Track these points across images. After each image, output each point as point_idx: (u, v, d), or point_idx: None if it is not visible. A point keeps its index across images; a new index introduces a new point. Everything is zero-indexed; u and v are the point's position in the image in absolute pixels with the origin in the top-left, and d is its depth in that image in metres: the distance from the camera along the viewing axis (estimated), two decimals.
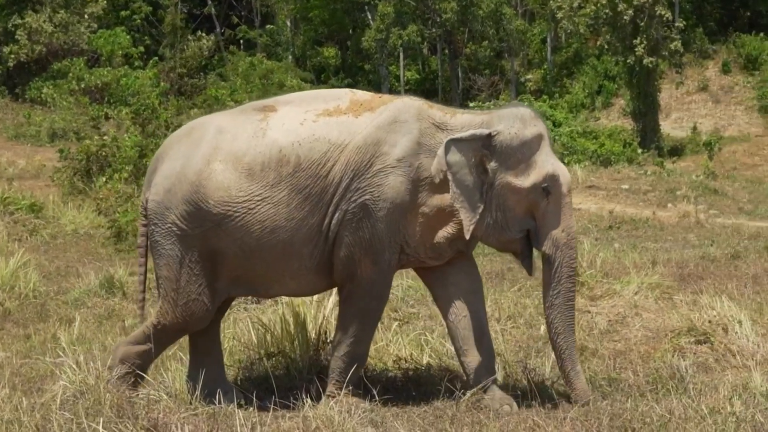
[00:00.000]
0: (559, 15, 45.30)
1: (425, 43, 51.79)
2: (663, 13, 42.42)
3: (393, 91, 48.41)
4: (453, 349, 7.28)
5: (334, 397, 6.70)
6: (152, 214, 6.80)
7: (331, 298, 8.13)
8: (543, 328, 8.90)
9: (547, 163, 6.81)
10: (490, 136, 6.69)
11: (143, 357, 6.92)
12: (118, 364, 6.88)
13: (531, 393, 6.76)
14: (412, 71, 52.02)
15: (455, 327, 7.07)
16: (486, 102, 39.20)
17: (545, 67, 50.99)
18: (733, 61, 48.68)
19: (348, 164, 6.59)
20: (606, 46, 45.00)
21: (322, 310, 8.04)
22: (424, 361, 7.86)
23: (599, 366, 7.91)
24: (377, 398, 6.72)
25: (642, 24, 42.25)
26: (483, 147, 6.68)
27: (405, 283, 10.85)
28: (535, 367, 7.79)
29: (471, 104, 40.07)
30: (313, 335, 7.85)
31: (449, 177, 6.57)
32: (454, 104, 44.83)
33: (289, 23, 53.31)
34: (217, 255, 6.68)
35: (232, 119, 6.94)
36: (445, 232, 6.82)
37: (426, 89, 51.06)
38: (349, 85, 45.88)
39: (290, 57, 50.66)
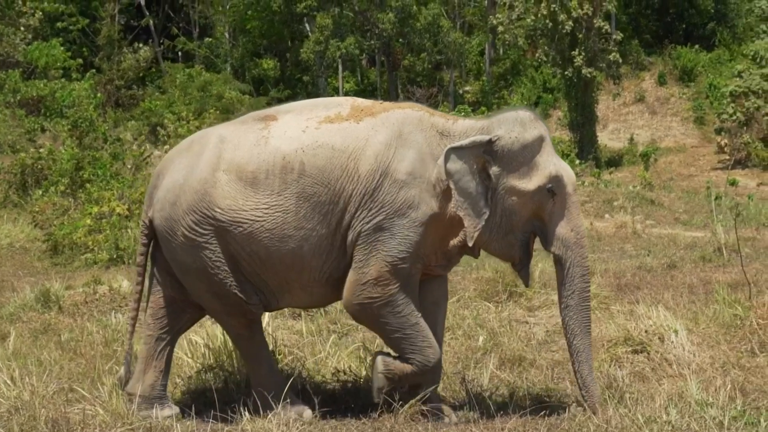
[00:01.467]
0: (499, 28, 45.54)
1: (364, 55, 51.85)
2: (601, 25, 42.82)
3: None
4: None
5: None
6: (162, 232, 6.78)
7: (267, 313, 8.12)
8: (481, 339, 8.95)
9: (549, 164, 6.82)
10: (490, 141, 6.68)
11: (263, 374, 6.95)
12: (273, 401, 6.74)
13: (469, 404, 6.77)
14: (350, 83, 52.01)
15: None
16: None
17: (483, 78, 51.24)
18: (669, 73, 49.30)
19: (359, 182, 6.55)
20: (544, 58, 45.31)
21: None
22: (363, 373, 7.85)
23: (537, 376, 7.95)
24: (316, 410, 6.70)
25: (580, 36, 42.62)
26: (484, 153, 6.67)
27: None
28: (473, 378, 7.82)
29: None
30: None
31: (451, 185, 6.55)
32: None
33: (227, 35, 53.14)
34: (230, 260, 6.65)
35: (233, 129, 6.92)
36: (457, 240, 6.81)
37: None
38: (288, 97, 45.96)
39: (229, 69, 50.46)
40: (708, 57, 49.59)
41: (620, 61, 44.11)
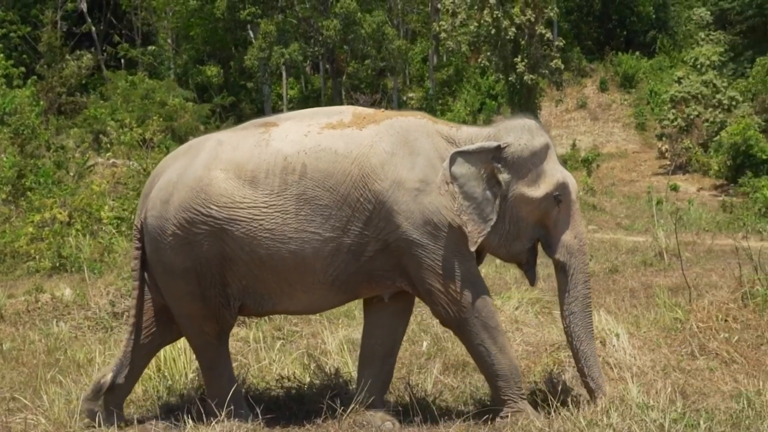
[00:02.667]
0: (442, 34, 45.66)
1: (308, 62, 51.80)
2: (543, 32, 43.09)
3: (276, 109, 48.33)
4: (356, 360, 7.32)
5: (509, 416, 6.65)
6: (152, 232, 6.70)
7: None
8: (425, 344, 8.97)
9: (556, 171, 6.91)
10: (499, 148, 6.71)
11: (222, 385, 6.84)
12: (220, 409, 6.69)
13: (413, 409, 6.79)
14: (294, 89, 51.97)
15: (370, 337, 7.16)
16: None
17: (427, 85, 51.34)
18: (611, 80, 49.73)
19: (368, 189, 6.53)
20: (487, 64, 45.48)
21: None
22: (307, 380, 7.86)
23: (481, 381, 7.96)
24: (260, 417, 6.70)
25: (523, 42, 42.88)
26: (493, 159, 6.70)
27: None
28: (417, 383, 7.84)
29: None
30: (193, 356, 7.79)
31: (456, 189, 6.57)
32: None
33: (170, 42, 52.85)
34: (224, 260, 6.58)
35: (232, 134, 6.95)
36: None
37: (309, 107, 51.01)
38: (232, 104, 45.84)
39: (172, 75, 50.18)
40: (649, 63, 50.10)
41: (562, 67, 44.43)
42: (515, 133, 6.82)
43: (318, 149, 6.57)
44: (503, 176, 6.72)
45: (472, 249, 6.66)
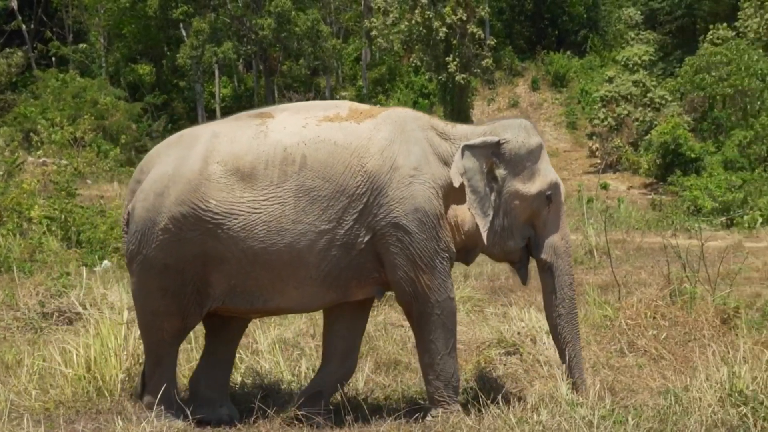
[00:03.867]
0: (374, 32, 45.70)
1: (240, 60, 51.56)
2: (474, 31, 43.27)
3: (208, 108, 48.13)
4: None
5: (440, 415, 6.64)
6: (140, 223, 6.56)
7: None
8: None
9: (549, 171, 6.98)
10: (499, 143, 6.77)
11: (163, 384, 6.73)
12: (151, 408, 6.65)
13: (344, 408, 6.80)
14: (227, 88, 51.67)
15: (332, 334, 7.17)
16: None
17: (360, 84, 51.32)
18: (542, 79, 50.06)
19: (365, 178, 6.53)
20: (420, 63, 45.60)
21: (134, 330, 7.93)
22: (238, 380, 7.84)
23: (412, 379, 8.01)
24: (190, 418, 6.67)
25: (454, 42, 43.02)
26: (492, 154, 6.76)
27: None
28: (349, 382, 7.84)
29: None
30: (124, 356, 7.74)
31: (465, 182, 6.62)
32: None
33: (102, 40, 52.32)
34: (213, 260, 6.48)
35: (228, 125, 6.84)
36: (452, 244, 6.82)
37: (242, 106, 50.75)
38: (164, 102, 45.54)
39: (104, 74, 49.67)
40: (580, 63, 50.51)
41: (494, 67, 44.65)
42: (512, 130, 6.90)
43: (317, 140, 6.55)
44: (500, 172, 6.80)
45: (486, 243, 6.75)
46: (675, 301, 9.90)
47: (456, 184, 6.62)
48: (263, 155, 6.49)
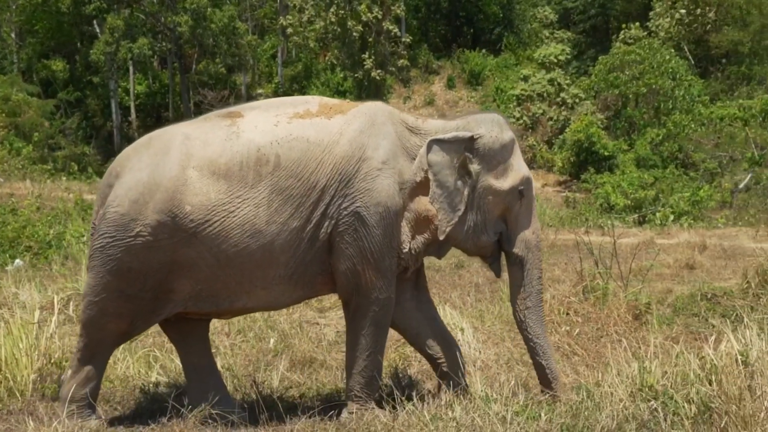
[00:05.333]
0: (289, 30, 45.62)
1: (156, 57, 51.14)
2: (390, 29, 43.36)
3: (123, 105, 47.67)
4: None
5: (356, 414, 6.62)
6: (110, 226, 6.39)
7: (54, 318, 7.96)
8: (272, 341, 8.96)
9: (522, 166, 7.00)
10: (472, 138, 6.75)
11: (85, 383, 6.60)
12: (68, 403, 6.53)
13: (259, 406, 6.78)
14: (142, 85, 51.19)
15: (417, 338, 7.18)
16: None
17: (276, 81, 51.15)
18: (458, 77, 50.22)
19: (335, 169, 6.48)
20: (335, 61, 45.59)
21: (46, 330, 7.84)
22: (153, 378, 7.79)
23: (327, 377, 8.02)
24: (103, 417, 6.61)
25: (370, 39, 43.07)
26: (466, 149, 6.73)
27: None
28: (264, 380, 7.84)
29: None
30: (36, 357, 7.64)
31: (430, 176, 6.59)
32: (186, 119, 44.49)
33: (13, 35, 51.54)
34: (182, 267, 6.39)
35: (198, 127, 6.70)
36: (422, 237, 6.79)
37: (156, 104, 50.48)
38: (78, 99, 44.98)
39: (15, 70, 48.94)
40: (495, 61, 50.75)
41: (409, 65, 44.77)
42: (486, 125, 6.90)
43: (290, 138, 6.51)
44: (474, 167, 6.79)
45: (441, 238, 6.73)
46: (588, 298, 10.02)
47: (417, 179, 6.65)
48: (237, 156, 6.44)
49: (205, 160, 6.42)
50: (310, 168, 6.48)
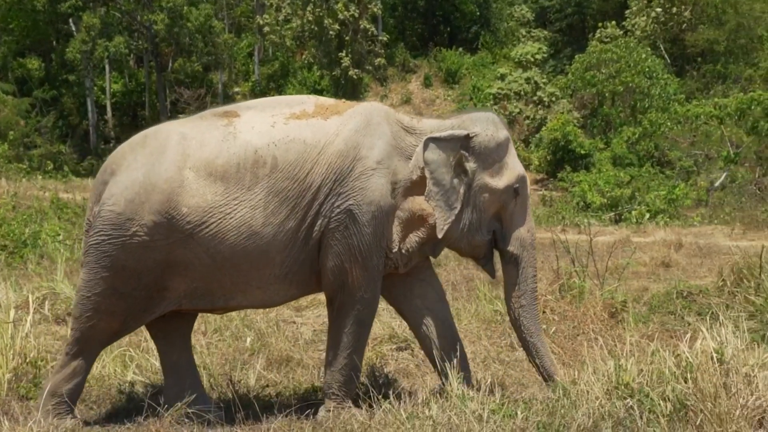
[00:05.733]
0: (266, 29, 45.59)
1: (132, 56, 51.00)
2: (367, 27, 43.37)
3: (99, 104, 47.51)
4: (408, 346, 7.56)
5: (333, 412, 6.61)
6: (106, 225, 6.35)
7: (29, 317, 7.92)
8: (249, 340, 8.94)
9: (517, 165, 7.00)
10: (468, 137, 6.75)
11: (70, 380, 6.56)
12: (48, 397, 6.48)
13: (235, 405, 6.76)
14: (118, 83, 51.06)
15: (428, 337, 7.11)
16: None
17: (253, 80, 51.09)
18: (434, 75, 50.32)
19: (330, 168, 6.47)
20: (312, 60, 45.58)
21: (21, 330, 7.80)
22: (129, 378, 7.76)
23: (304, 376, 8.01)
24: (78, 417, 6.58)
25: (347, 38, 43.08)
26: (461, 148, 6.73)
27: None
28: (240, 379, 7.82)
29: (179, 117, 39.80)
30: (11, 356, 7.60)
31: (427, 174, 6.57)
32: (163, 118, 44.43)
33: None
34: (177, 266, 6.36)
35: (194, 126, 6.65)
36: (417, 237, 6.79)
37: (133, 102, 50.35)
38: (53, 97, 44.81)
39: None
40: (472, 60, 50.89)
41: (386, 63, 44.79)
42: (482, 124, 6.91)
43: (287, 140, 6.50)
44: (470, 165, 6.80)
45: (440, 236, 6.71)
46: (564, 296, 10.04)
47: (414, 177, 6.65)
48: (234, 158, 6.41)
49: (201, 161, 6.40)
50: (306, 169, 6.48)
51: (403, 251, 6.82)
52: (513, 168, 6.98)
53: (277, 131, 6.54)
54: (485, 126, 6.91)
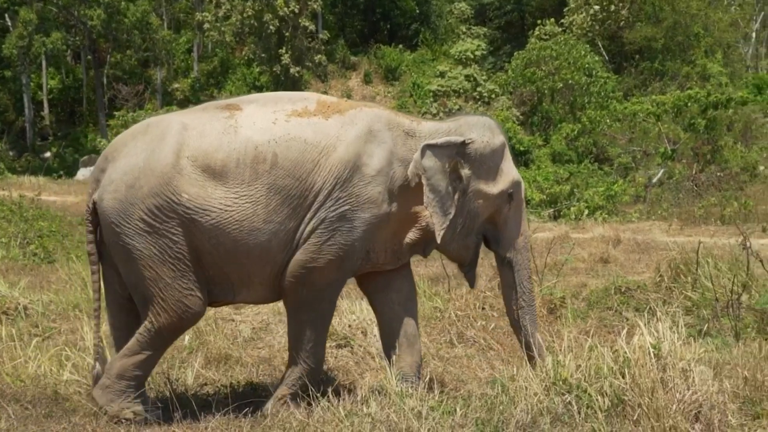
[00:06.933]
0: (206, 25, 45.40)
1: (69, 51, 50.58)
2: (307, 24, 43.31)
3: (36, 100, 47.09)
4: (381, 347, 7.34)
5: (284, 401, 6.62)
6: (112, 215, 6.33)
7: None
8: (187, 338, 8.87)
9: (512, 170, 7.01)
10: (464, 143, 6.72)
11: (142, 367, 6.56)
12: (115, 380, 6.49)
13: (173, 404, 6.70)
14: (55, 80, 50.63)
15: (391, 330, 7.09)
16: (132, 112, 38.76)
17: (192, 76, 50.87)
18: (375, 72, 50.41)
19: (330, 173, 6.43)
20: (252, 56, 45.45)
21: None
22: (65, 378, 7.67)
23: (242, 374, 7.97)
24: (13, 416, 6.51)
25: (287, 34, 42.99)
26: (457, 154, 6.71)
27: (46, 297, 10.57)
28: (178, 377, 7.76)
29: (117, 113, 39.59)
30: None
31: (424, 181, 6.55)
32: (100, 114, 44.14)
33: None
34: (193, 250, 6.35)
35: (195, 117, 6.59)
36: (407, 238, 6.81)
37: (70, 98, 49.94)
38: None
39: None
40: (411, 57, 51.01)
41: (325, 61, 44.79)
42: (478, 130, 6.90)
43: (288, 138, 6.45)
44: (465, 171, 6.79)
45: (438, 241, 6.72)
46: None
47: (412, 184, 6.65)
48: (234, 153, 6.37)
49: (200, 152, 6.36)
50: (307, 169, 6.45)
51: (395, 251, 6.87)
52: (508, 173, 7.02)
53: (278, 128, 6.51)
54: (481, 132, 6.92)
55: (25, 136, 46.24)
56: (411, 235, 6.84)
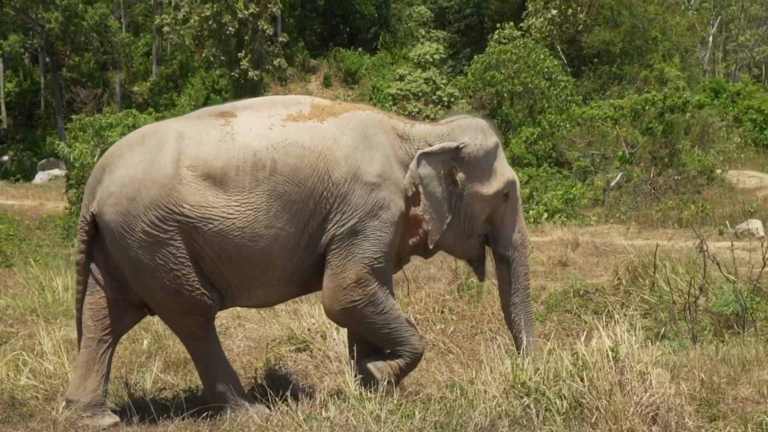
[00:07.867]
0: (165, 28, 45.24)
1: (27, 54, 50.25)
2: (266, 27, 43.25)
3: None
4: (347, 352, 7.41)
5: (388, 380, 6.80)
6: (115, 228, 6.35)
7: None
8: (146, 342, 8.84)
9: (506, 170, 7.10)
10: (458, 148, 6.80)
11: (218, 374, 6.76)
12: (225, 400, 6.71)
13: (130, 409, 6.68)
14: (12, 83, 50.28)
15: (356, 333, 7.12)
16: (91, 115, 38.54)
17: (151, 79, 50.65)
18: (334, 75, 50.41)
19: (330, 182, 6.46)
20: (212, 59, 45.32)
21: None
22: (22, 382, 7.61)
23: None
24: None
25: (246, 38, 42.92)
26: (452, 159, 6.78)
27: (3, 302, 10.50)
28: (137, 382, 7.73)
29: (75, 117, 39.39)
30: None
31: (421, 189, 6.64)
32: (58, 117, 43.84)
33: None
34: (194, 256, 6.37)
35: (191, 125, 6.59)
36: (411, 241, 6.87)
37: (29, 101, 49.60)
38: None
39: None
40: (371, 60, 51.03)
41: (285, 64, 44.73)
42: (470, 133, 6.99)
43: (285, 143, 6.47)
44: (459, 175, 6.88)
45: (431, 246, 6.85)
46: (463, 295, 10.11)
47: (409, 193, 6.72)
48: (233, 160, 6.39)
49: (199, 161, 6.38)
50: (306, 174, 6.48)
51: (399, 253, 6.94)
52: (502, 173, 7.11)
53: (275, 134, 6.54)
54: (474, 135, 7.01)
55: None
56: (414, 239, 6.92)
